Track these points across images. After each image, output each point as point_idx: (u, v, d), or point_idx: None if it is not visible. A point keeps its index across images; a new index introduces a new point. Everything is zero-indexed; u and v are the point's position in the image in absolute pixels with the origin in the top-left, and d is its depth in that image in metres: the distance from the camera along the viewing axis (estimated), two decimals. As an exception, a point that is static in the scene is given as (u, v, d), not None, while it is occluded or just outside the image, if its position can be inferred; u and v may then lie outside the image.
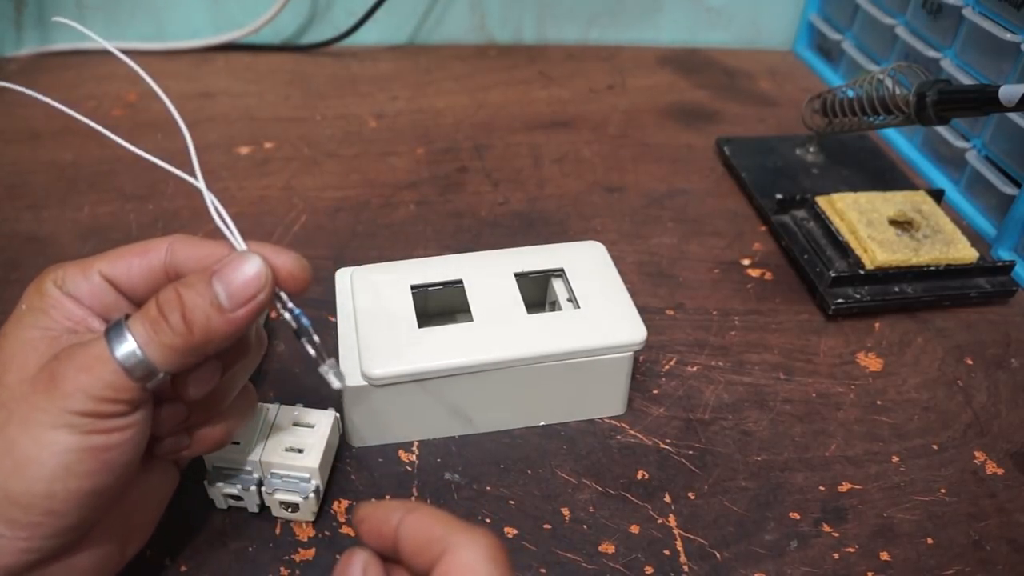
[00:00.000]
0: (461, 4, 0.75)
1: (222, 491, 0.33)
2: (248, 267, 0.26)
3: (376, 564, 0.24)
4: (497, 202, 0.55)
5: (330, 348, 0.38)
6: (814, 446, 0.40)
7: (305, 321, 0.27)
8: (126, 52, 0.31)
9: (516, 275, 0.39)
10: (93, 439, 0.24)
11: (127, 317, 0.25)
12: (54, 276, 0.28)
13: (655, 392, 0.42)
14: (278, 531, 0.34)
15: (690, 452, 0.39)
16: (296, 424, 0.34)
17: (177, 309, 0.25)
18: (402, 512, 0.24)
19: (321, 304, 0.44)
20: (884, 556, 0.35)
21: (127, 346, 0.25)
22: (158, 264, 0.28)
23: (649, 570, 0.33)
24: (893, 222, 0.50)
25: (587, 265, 0.40)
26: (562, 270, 0.40)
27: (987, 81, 0.55)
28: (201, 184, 0.28)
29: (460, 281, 0.39)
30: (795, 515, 0.36)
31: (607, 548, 0.34)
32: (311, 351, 0.27)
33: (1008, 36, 0.52)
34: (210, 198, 0.28)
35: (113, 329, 0.25)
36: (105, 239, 0.50)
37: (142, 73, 0.28)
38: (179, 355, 0.25)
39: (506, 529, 0.35)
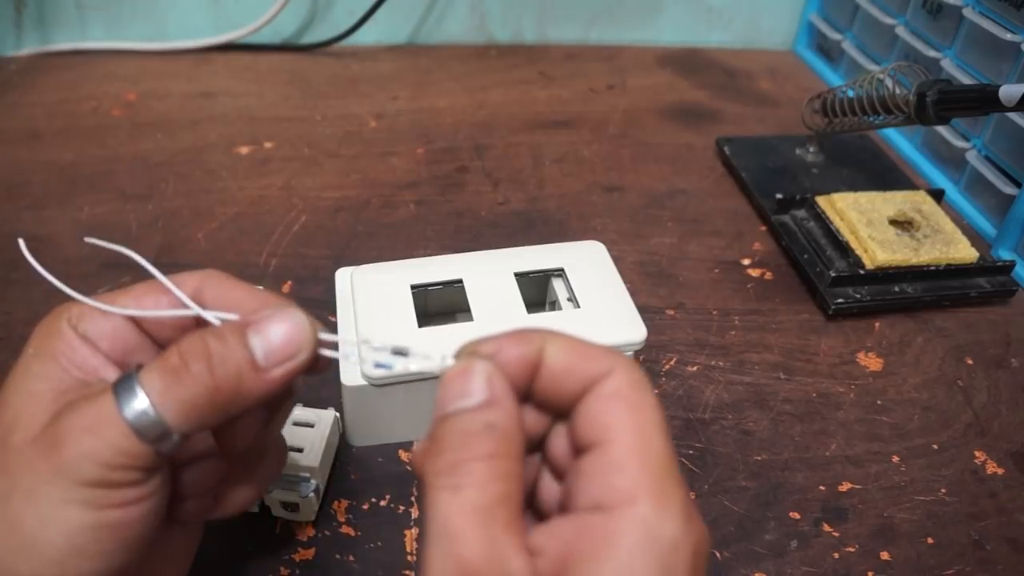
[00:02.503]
0: (461, 4, 0.75)
1: (222, 491, 0.33)
2: (291, 321, 0.22)
3: (501, 375, 0.20)
4: (497, 202, 0.55)
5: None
6: (814, 446, 0.40)
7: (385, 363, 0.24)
8: (126, 52, 0.30)
9: (516, 275, 0.39)
10: (107, 515, 0.21)
11: (138, 368, 0.22)
12: (68, 315, 0.24)
13: (655, 392, 0.42)
14: (278, 531, 0.34)
15: (690, 452, 0.39)
16: (296, 423, 0.34)
17: (202, 359, 0.22)
18: (543, 334, 0.21)
19: (321, 304, 0.44)
20: (884, 556, 0.35)
21: (138, 403, 0.21)
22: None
23: (649, 570, 0.33)
24: (893, 222, 0.50)
25: (587, 265, 0.40)
26: (562, 270, 0.40)
27: (987, 81, 0.55)
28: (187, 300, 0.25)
29: (460, 281, 0.39)
30: (795, 515, 0.36)
31: (607, 548, 0.34)
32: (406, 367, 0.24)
33: (1008, 36, 0.52)
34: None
35: (122, 383, 0.22)
36: (105, 239, 0.50)
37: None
38: (198, 414, 0.22)
39: (506, 529, 0.35)
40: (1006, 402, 0.43)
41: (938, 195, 0.54)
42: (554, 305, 0.41)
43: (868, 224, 0.49)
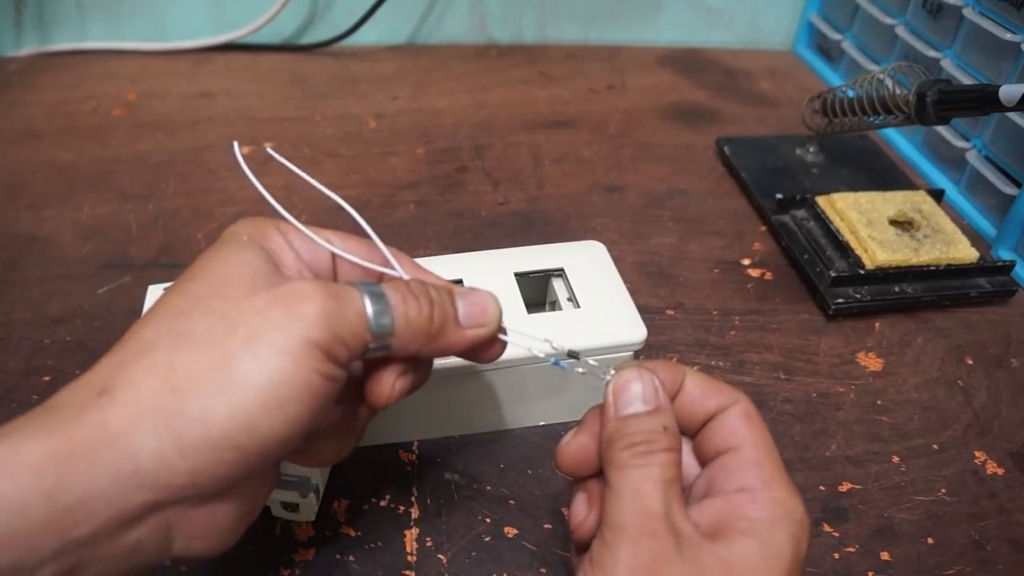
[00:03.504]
0: (461, 4, 0.75)
1: (222, 491, 0.33)
2: (486, 297, 0.28)
3: (664, 387, 0.26)
4: (497, 202, 0.55)
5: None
6: (814, 446, 0.40)
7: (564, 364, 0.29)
8: (126, 52, 0.30)
9: (516, 275, 0.39)
10: (312, 379, 0.22)
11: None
12: (278, 225, 0.27)
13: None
14: (278, 531, 0.34)
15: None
16: (296, 424, 0.34)
17: (427, 300, 0.26)
18: (683, 367, 0.28)
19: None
20: (884, 556, 0.35)
21: (380, 301, 0.24)
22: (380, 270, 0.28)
23: (649, 570, 0.33)
24: (893, 222, 0.50)
25: (587, 265, 0.40)
26: (562, 270, 0.40)
27: (987, 81, 0.55)
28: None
29: (460, 281, 0.39)
30: (795, 515, 0.36)
31: (607, 548, 0.34)
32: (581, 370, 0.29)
33: (1008, 36, 0.52)
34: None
35: (366, 283, 0.25)
36: (105, 239, 0.50)
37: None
38: (412, 337, 0.25)
39: (506, 529, 0.35)
40: (1006, 402, 0.43)
41: (938, 195, 0.54)
42: (554, 305, 0.41)
43: (868, 224, 0.49)
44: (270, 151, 0.28)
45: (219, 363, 0.22)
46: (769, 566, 0.23)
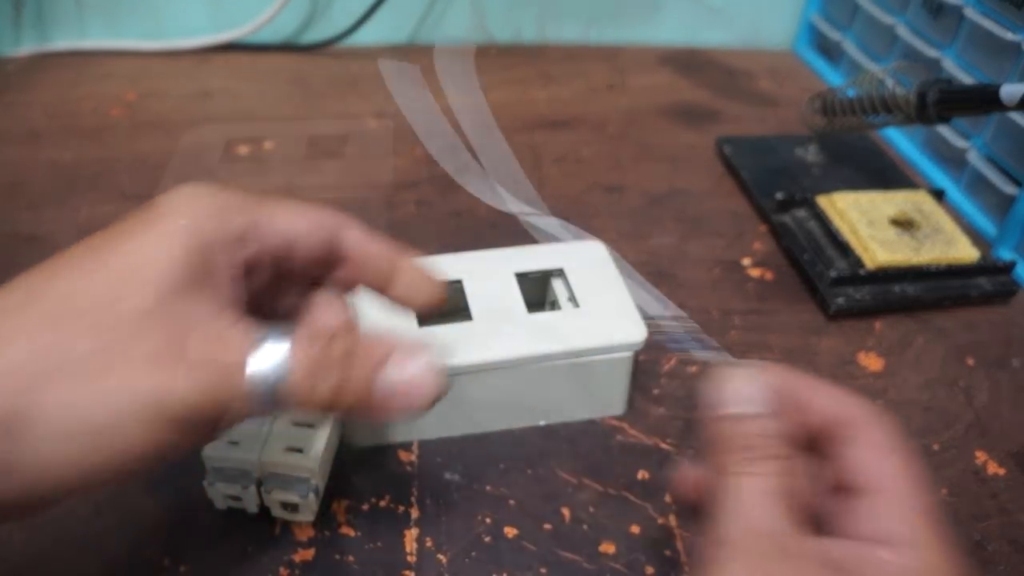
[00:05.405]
0: (461, 4, 0.75)
1: (222, 491, 0.33)
2: (424, 375, 0.24)
3: (772, 389, 0.24)
4: (497, 202, 0.55)
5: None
6: (815, 446, 0.40)
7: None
8: (126, 52, 0.30)
9: (516, 275, 0.39)
10: (169, 449, 0.21)
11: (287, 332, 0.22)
12: (226, 214, 0.24)
13: (655, 392, 0.42)
14: (278, 531, 0.34)
15: (691, 452, 0.39)
16: (296, 424, 0.34)
17: (337, 376, 0.22)
18: (793, 373, 0.25)
19: (321, 304, 0.44)
20: (885, 556, 0.35)
21: (269, 364, 0.21)
22: (321, 242, 0.26)
23: (650, 570, 0.33)
24: (894, 222, 0.50)
25: (587, 265, 0.40)
26: (562, 270, 0.40)
27: (988, 80, 0.55)
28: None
29: (460, 281, 0.39)
30: (796, 515, 0.36)
31: (607, 548, 0.34)
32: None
33: (1009, 35, 0.52)
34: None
35: (265, 350, 0.22)
36: (104, 239, 0.50)
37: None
38: (302, 408, 0.23)
39: (506, 529, 0.35)
40: (1007, 402, 0.43)
41: (939, 195, 0.54)
42: (554, 305, 0.40)
43: (869, 224, 0.49)
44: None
45: (80, 405, 0.20)
46: None
